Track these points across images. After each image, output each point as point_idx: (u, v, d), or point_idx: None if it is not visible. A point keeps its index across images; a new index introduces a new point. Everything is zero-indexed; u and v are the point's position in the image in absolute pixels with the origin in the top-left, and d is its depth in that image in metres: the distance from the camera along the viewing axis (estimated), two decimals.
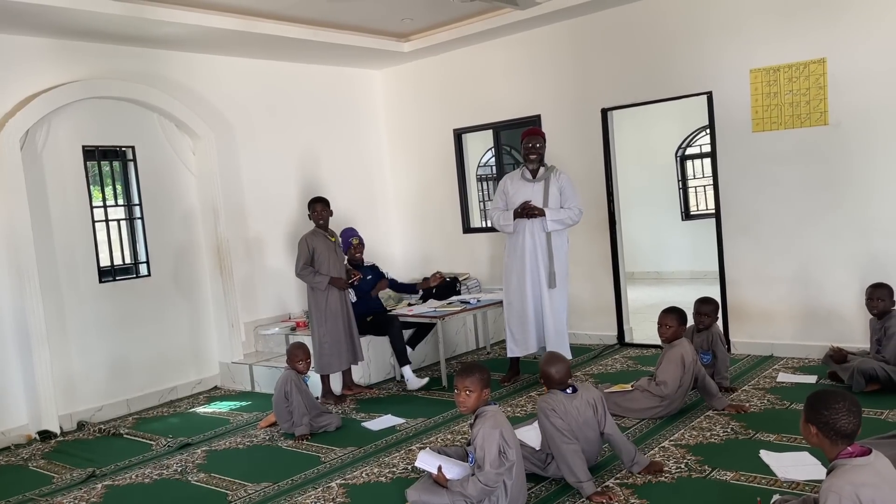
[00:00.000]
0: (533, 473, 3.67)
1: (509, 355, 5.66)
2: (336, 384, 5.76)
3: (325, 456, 4.40)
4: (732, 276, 5.94)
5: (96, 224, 5.85)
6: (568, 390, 3.66)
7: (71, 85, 5.53)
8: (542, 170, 5.48)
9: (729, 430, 4.17)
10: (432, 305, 6.29)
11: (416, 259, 8.01)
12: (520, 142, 5.56)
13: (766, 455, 3.72)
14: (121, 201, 6.13)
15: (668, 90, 6.10)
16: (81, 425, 5.53)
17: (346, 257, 6.00)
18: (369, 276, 6.11)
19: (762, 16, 5.57)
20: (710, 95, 5.88)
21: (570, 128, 6.68)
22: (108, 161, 6.02)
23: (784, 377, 5.13)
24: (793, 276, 5.66)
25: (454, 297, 6.68)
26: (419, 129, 7.86)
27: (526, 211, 5.34)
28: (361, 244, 6.13)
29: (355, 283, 5.74)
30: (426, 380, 5.69)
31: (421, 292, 6.59)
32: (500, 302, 6.10)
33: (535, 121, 6.87)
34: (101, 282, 5.84)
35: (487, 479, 3.18)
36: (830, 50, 5.31)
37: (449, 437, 4.57)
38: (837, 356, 4.85)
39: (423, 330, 6.25)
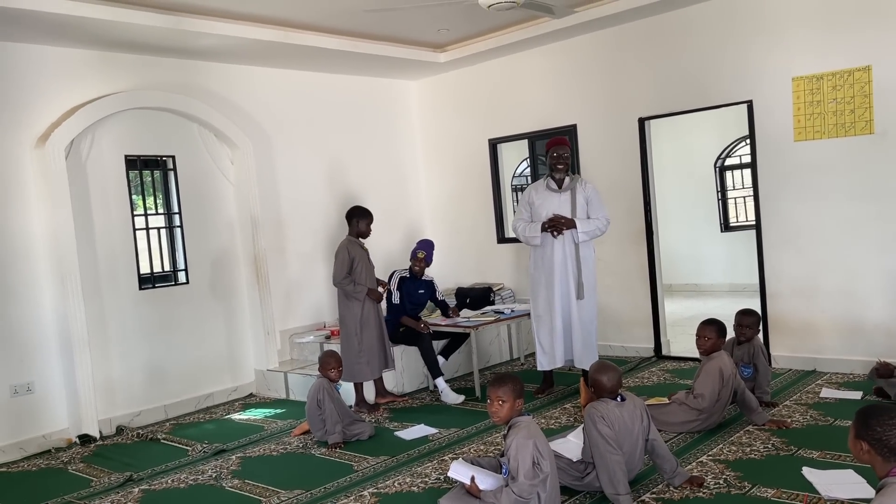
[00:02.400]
0: (566, 487, 3.61)
1: (539, 368, 5.60)
2: (369, 393, 5.77)
3: (358, 464, 4.40)
4: (773, 288, 5.81)
5: (137, 232, 5.96)
6: (617, 398, 3.60)
7: (114, 96, 5.66)
8: (567, 180, 5.41)
9: (770, 446, 4.06)
10: (466, 315, 6.26)
11: (449, 269, 7.99)
12: (545, 152, 5.51)
13: (808, 472, 3.61)
14: (161, 210, 6.24)
15: (708, 99, 6.01)
16: (120, 430, 5.62)
17: (410, 265, 6.06)
18: (421, 291, 6.10)
19: (805, 23, 5.47)
20: (750, 104, 5.77)
21: (607, 137, 6.62)
22: (149, 170, 6.14)
23: (827, 392, 4.98)
24: (837, 288, 5.51)
25: (488, 308, 6.65)
26: (454, 139, 7.87)
27: (554, 227, 5.27)
28: (424, 261, 6.05)
29: (385, 294, 5.73)
30: (462, 397, 5.65)
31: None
32: None
33: (570, 130, 6.83)
34: (141, 289, 5.95)
35: (521, 490, 3.14)
36: (876, 57, 5.19)
37: (482, 447, 4.53)
38: (884, 371, 4.70)
39: (456, 340, 6.23)
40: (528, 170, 8.15)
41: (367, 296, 5.52)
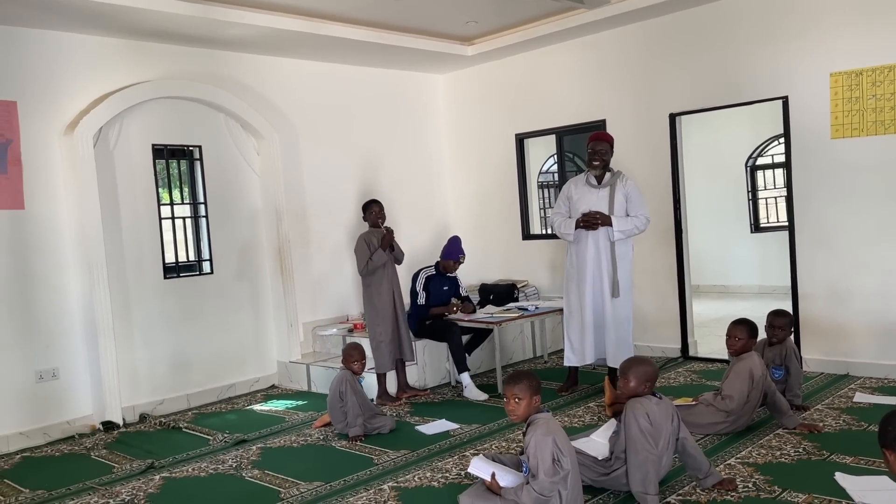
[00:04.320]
0: (588, 486, 3.53)
1: (566, 364, 5.52)
2: (392, 386, 5.74)
3: (378, 458, 4.36)
4: (806, 290, 5.67)
5: (163, 221, 5.98)
6: (656, 396, 3.52)
7: (142, 85, 5.69)
8: (607, 175, 5.31)
9: (801, 450, 3.95)
10: (490, 311, 6.20)
11: (474, 265, 7.91)
12: (586, 146, 5.42)
13: (841, 477, 3.50)
14: (187, 199, 6.26)
15: (742, 95, 5.88)
16: (143, 418, 5.65)
17: (437, 262, 6.04)
18: (446, 287, 6.06)
19: (844, 17, 5.31)
20: (785, 100, 5.63)
21: (637, 133, 6.51)
22: (175, 160, 6.16)
23: (861, 397, 4.85)
24: (872, 291, 5.35)
25: (512, 304, 6.58)
26: (481, 134, 7.80)
27: (587, 223, 5.18)
28: (460, 263, 6.04)
29: (391, 241, 5.65)
30: (486, 395, 5.59)
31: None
32: (559, 310, 6.00)
33: (599, 125, 6.72)
34: (165, 278, 5.97)
35: (542, 487, 3.07)
36: None
37: (503, 444, 4.47)
38: None
39: (479, 336, 6.17)
40: (556, 166, 8.06)
41: (380, 246, 5.53)
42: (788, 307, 5.61)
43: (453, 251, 6.00)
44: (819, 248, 5.57)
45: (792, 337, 5.03)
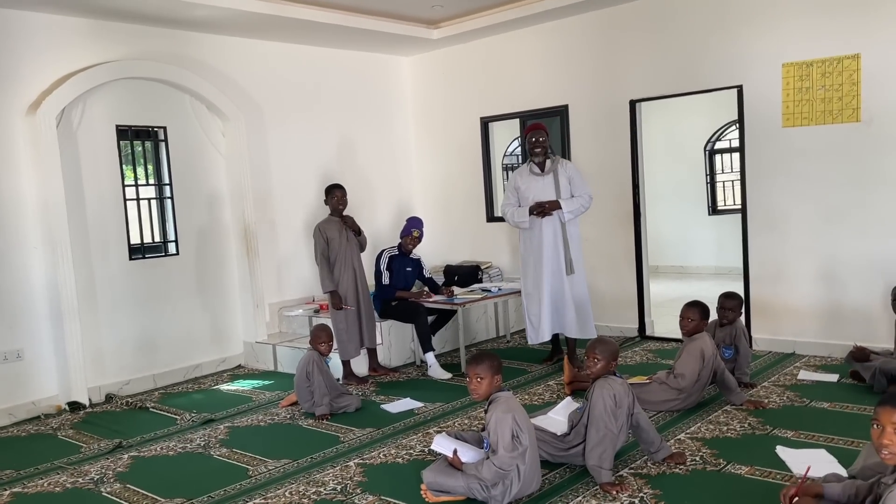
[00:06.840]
0: (546, 460, 3.70)
1: (530, 343, 5.70)
2: (362, 366, 5.85)
3: (344, 436, 4.48)
4: (756, 272, 5.90)
5: (128, 202, 5.97)
6: (618, 375, 3.68)
7: (106, 65, 5.64)
8: (548, 162, 5.57)
9: (746, 426, 4.17)
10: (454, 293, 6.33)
11: (438, 247, 8.04)
12: (522, 137, 5.61)
13: (782, 451, 3.72)
14: (152, 181, 6.25)
15: (699, 83, 6.05)
16: (109, 398, 5.68)
17: (399, 242, 6.11)
18: (409, 268, 6.15)
19: (796, 9, 5.50)
20: (740, 89, 5.82)
21: (598, 119, 6.66)
22: (140, 141, 6.13)
23: (805, 375, 5.10)
24: (818, 273, 5.61)
25: (476, 285, 6.72)
26: (446, 117, 7.88)
27: (540, 211, 5.42)
28: (419, 239, 6.12)
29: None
30: (449, 374, 5.74)
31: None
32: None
33: (562, 111, 6.86)
34: (131, 259, 5.97)
35: (501, 462, 3.23)
36: (865, 45, 5.23)
37: (466, 422, 4.62)
38: (860, 355, 4.81)
39: (444, 317, 6.30)
40: (520, 149, 8.18)
41: (331, 295, 5.59)
42: (742, 288, 5.86)
43: (407, 227, 6.11)
44: (769, 231, 5.80)
45: (742, 318, 5.26)
